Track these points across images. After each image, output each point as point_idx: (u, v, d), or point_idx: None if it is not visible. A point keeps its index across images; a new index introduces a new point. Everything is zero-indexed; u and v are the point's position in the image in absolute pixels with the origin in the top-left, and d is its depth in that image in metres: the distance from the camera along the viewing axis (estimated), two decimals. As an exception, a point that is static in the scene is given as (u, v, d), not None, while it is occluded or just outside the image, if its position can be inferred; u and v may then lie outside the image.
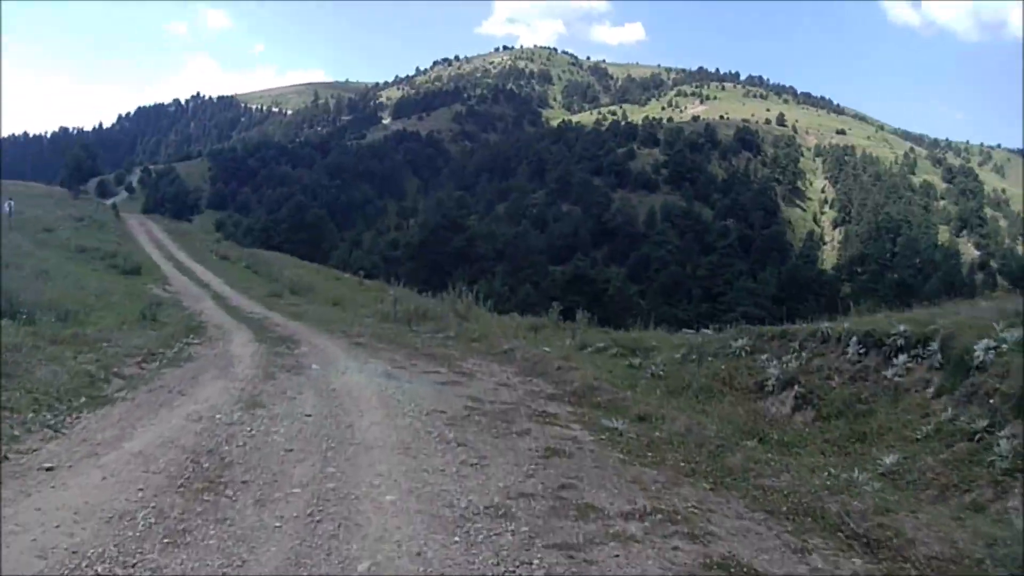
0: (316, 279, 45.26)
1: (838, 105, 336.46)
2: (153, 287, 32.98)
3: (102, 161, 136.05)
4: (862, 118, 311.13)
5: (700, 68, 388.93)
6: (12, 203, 53.16)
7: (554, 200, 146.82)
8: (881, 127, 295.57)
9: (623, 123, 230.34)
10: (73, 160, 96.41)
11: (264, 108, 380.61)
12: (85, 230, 53.01)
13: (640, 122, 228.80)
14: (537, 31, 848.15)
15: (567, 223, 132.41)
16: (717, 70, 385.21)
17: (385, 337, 20.47)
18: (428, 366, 15.74)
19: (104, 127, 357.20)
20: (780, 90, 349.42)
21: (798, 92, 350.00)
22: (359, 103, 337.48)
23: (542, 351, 17.50)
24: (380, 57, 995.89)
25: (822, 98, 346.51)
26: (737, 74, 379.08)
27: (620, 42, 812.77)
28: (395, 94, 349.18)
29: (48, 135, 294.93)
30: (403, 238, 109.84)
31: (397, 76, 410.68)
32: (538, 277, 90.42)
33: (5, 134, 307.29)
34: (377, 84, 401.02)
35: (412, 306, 26.63)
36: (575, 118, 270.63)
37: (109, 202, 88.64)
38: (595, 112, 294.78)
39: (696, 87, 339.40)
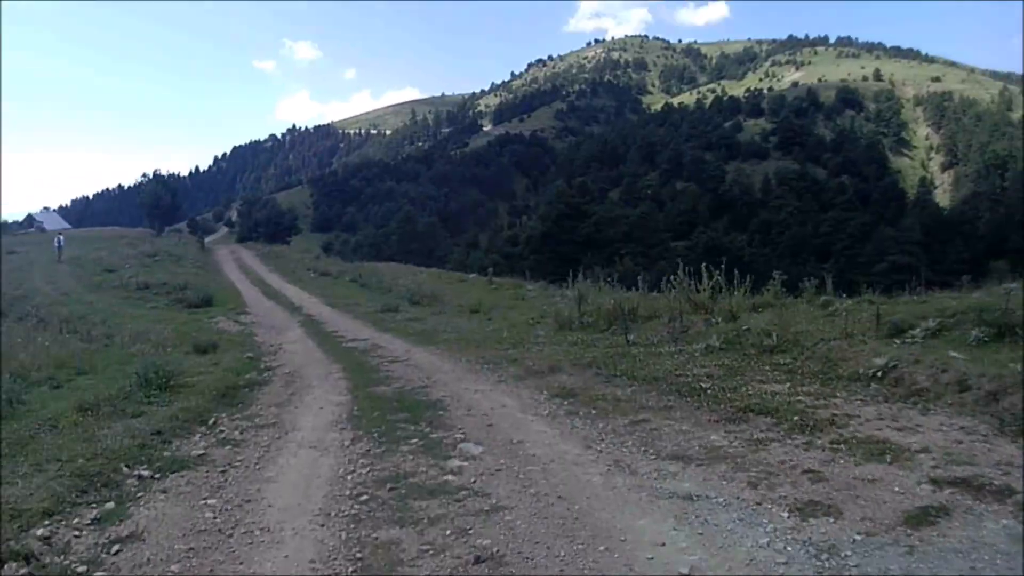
0: (438, 284, 34.50)
1: (927, 54, 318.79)
2: (222, 320, 25.35)
3: (188, 198, 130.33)
4: (952, 64, 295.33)
5: (790, 36, 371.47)
6: (62, 238, 52.76)
7: (668, 180, 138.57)
8: (972, 70, 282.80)
9: (725, 98, 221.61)
10: (150, 197, 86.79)
11: (362, 132, 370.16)
12: (157, 265, 45.85)
13: (742, 95, 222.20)
14: (624, 22, 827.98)
15: (684, 199, 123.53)
16: (807, 36, 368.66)
17: (604, 367, 11.17)
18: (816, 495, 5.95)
19: (201, 170, 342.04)
20: (871, 47, 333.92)
21: (888, 47, 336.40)
22: (457, 115, 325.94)
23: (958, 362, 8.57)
24: (472, 68, 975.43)
25: (910, 50, 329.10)
26: (826, 37, 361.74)
27: (707, 21, 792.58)
28: (493, 101, 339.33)
29: (141, 185, 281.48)
30: (523, 232, 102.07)
31: (493, 83, 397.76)
32: (667, 254, 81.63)
33: (99, 189, 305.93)
34: (474, 94, 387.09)
35: (610, 302, 16.28)
36: (676, 100, 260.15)
37: (198, 237, 79.60)
38: (695, 92, 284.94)
39: (790, 55, 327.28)
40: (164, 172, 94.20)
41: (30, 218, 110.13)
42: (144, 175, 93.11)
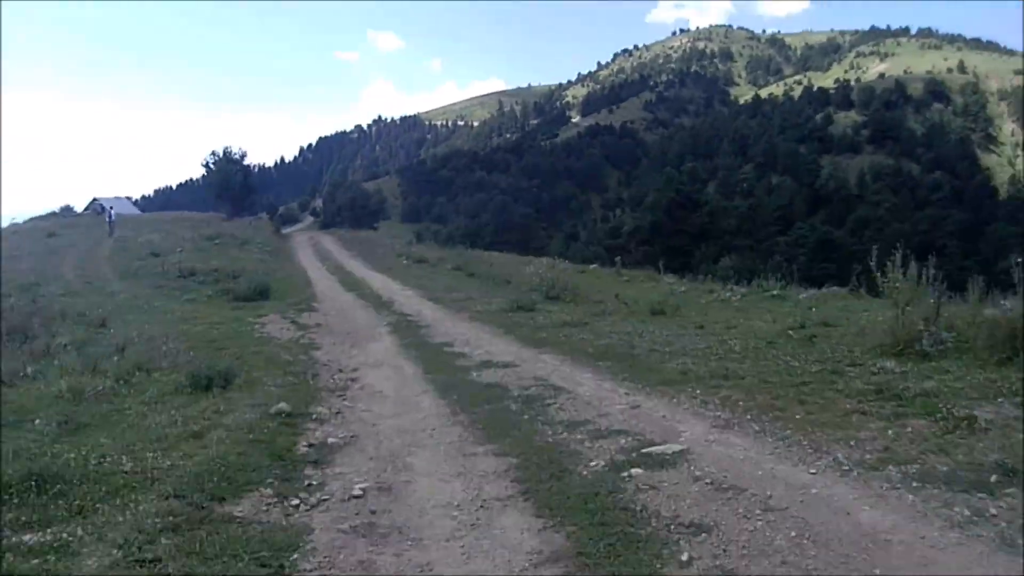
0: (564, 276, 25.54)
1: (1004, 47, 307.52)
2: (273, 320, 18.47)
3: (274, 189, 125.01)
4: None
5: (872, 27, 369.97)
6: (113, 212, 55.57)
7: (763, 173, 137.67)
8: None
9: (814, 89, 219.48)
10: (218, 176, 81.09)
11: (449, 123, 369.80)
12: (216, 250, 41.56)
13: (831, 87, 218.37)
14: (705, 12, 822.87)
15: (782, 194, 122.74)
16: (888, 27, 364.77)
17: None
18: None
19: (286, 161, 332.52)
20: (952, 39, 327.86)
21: (968, 39, 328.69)
22: (545, 105, 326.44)
23: None
24: (557, 58, 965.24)
25: (991, 42, 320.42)
26: (908, 29, 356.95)
27: (788, 13, 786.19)
28: (580, 92, 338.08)
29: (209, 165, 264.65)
30: (626, 223, 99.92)
31: (580, 73, 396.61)
32: (777, 248, 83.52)
33: (182, 180, 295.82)
34: (560, 84, 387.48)
35: (988, 314, 9.98)
36: (763, 92, 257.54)
37: (274, 221, 77.24)
38: (781, 84, 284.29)
39: (873, 46, 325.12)
40: (252, 166, 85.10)
41: (94, 201, 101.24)
42: (213, 153, 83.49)
